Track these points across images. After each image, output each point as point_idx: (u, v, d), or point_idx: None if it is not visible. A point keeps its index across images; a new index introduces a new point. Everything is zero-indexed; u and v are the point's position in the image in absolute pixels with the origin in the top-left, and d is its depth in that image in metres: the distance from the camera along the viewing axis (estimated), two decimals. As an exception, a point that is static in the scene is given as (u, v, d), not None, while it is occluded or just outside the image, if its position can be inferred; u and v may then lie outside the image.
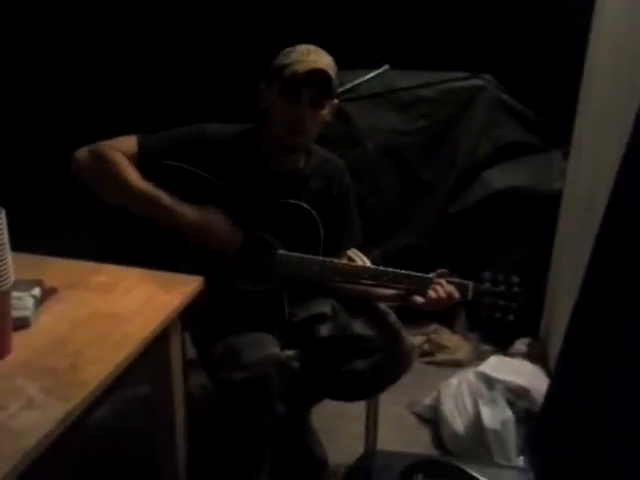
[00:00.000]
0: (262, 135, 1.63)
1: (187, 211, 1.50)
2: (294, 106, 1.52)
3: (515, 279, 1.57)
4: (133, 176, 1.49)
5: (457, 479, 1.08)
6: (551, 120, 2.85)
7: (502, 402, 1.98)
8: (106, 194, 1.52)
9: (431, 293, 1.54)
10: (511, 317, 1.56)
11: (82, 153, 1.53)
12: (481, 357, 2.57)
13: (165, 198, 1.48)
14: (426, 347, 2.69)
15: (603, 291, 0.83)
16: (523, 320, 1.63)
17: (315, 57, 1.52)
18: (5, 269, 1.00)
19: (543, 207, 2.69)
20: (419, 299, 1.56)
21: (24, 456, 0.82)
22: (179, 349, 1.36)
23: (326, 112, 1.58)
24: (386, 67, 2.85)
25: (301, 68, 1.48)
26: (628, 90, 1.77)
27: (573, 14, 2.46)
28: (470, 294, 1.56)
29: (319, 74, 1.49)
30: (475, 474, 1.07)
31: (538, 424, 1.71)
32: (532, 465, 1.07)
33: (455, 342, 2.71)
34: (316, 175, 1.69)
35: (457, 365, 2.59)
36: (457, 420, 2.04)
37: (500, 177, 2.76)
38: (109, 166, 1.49)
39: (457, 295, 1.55)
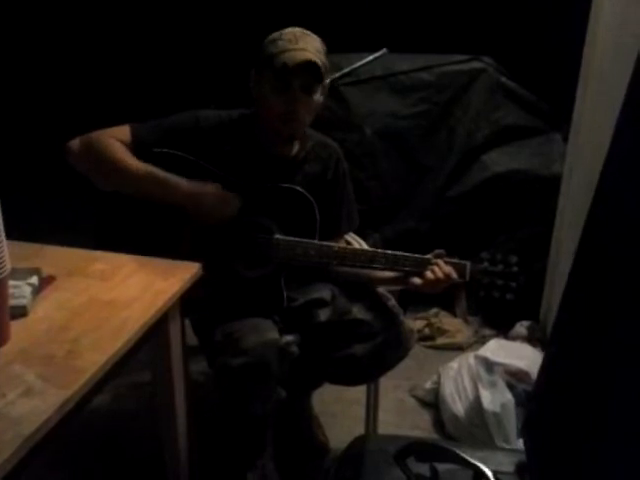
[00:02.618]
0: (257, 120, 1.62)
1: (181, 182, 1.51)
2: (286, 96, 1.51)
3: (513, 258, 1.56)
4: (126, 156, 1.51)
5: (449, 461, 1.09)
6: (551, 103, 2.83)
7: (502, 385, 1.99)
8: (102, 179, 1.53)
9: (429, 274, 1.54)
10: (510, 296, 1.55)
11: (75, 144, 1.54)
12: (482, 341, 2.57)
13: (159, 172, 1.50)
14: (427, 331, 2.68)
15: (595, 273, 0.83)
16: (523, 303, 1.62)
17: (303, 44, 1.49)
18: (1, 257, 0.99)
19: (543, 190, 2.68)
20: (417, 280, 1.56)
21: (23, 443, 0.83)
22: (179, 335, 1.36)
23: (318, 95, 1.57)
24: (384, 51, 2.83)
25: (290, 60, 1.46)
26: (627, 72, 1.75)
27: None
28: (468, 274, 1.56)
29: (309, 64, 1.47)
30: (466, 457, 1.07)
31: (529, 405, 1.72)
32: (525, 446, 1.07)
33: (456, 326, 2.71)
34: (311, 159, 1.69)
35: (458, 349, 2.59)
36: (457, 403, 2.05)
37: (500, 160, 2.74)
38: (103, 151, 1.50)
39: (455, 275, 1.54)
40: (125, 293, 1.22)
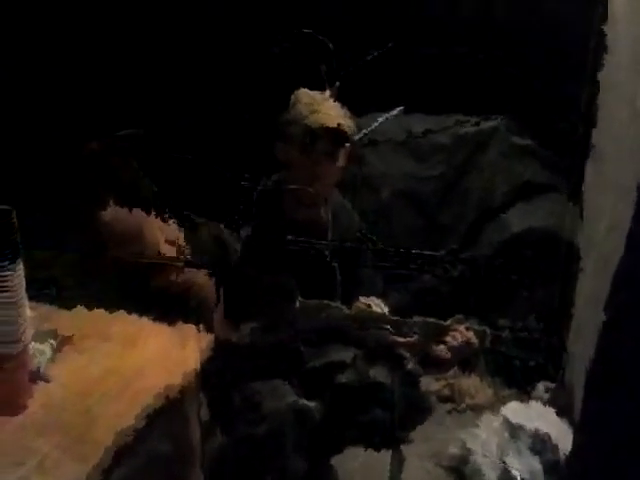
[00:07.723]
0: (283, 186, 1.64)
1: None
2: (311, 162, 1.54)
3: (533, 325, 1.56)
4: None
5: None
6: (566, 158, 2.83)
7: (529, 452, 1.92)
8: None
9: (449, 341, 1.53)
10: (531, 363, 1.54)
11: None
12: (503, 401, 2.50)
13: None
14: (446, 392, 2.62)
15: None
16: (544, 363, 1.62)
17: (326, 108, 1.53)
18: (22, 327, 0.98)
19: (562, 248, 2.65)
20: (438, 347, 1.55)
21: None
22: (195, 405, 1.32)
23: (342, 160, 1.58)
24: (400, 109, 2.86)
25: (315, 123, 1.49)
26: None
27: (582, 53, 2.48)
28: (488, 341, 1.55)
29: (334, 129, 1.50)
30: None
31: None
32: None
33: (476, 386, 2.65)
34: (334, 223, 1.70)
35: (479, 410, 2.52)
36: (485, 472, 1.97)
37: (517, 219, 2.74)
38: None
39: (475, 342, 1.53)
40: (143, 360, 1.20)
